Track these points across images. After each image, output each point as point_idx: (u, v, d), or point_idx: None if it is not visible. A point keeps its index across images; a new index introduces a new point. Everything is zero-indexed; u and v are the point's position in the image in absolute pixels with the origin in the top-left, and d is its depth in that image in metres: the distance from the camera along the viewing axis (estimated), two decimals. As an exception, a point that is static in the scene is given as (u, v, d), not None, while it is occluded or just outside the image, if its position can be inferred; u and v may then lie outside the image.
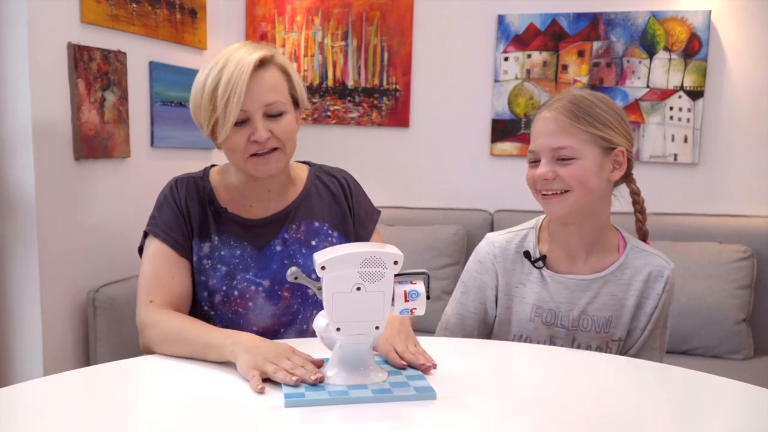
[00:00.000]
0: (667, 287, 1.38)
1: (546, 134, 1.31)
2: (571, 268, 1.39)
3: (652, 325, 1.38)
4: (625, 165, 1.34)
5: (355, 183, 1.51)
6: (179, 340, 1.22)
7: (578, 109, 1.30)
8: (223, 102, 1.25)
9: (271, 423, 0.96)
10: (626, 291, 1.37)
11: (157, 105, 2.48)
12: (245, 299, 1.36)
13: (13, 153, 2.00)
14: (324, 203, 1.45)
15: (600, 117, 1.31)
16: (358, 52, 2.93)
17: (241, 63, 1.26)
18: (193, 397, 1.06)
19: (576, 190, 1.30)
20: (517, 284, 1.41)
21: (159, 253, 1.35)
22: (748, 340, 2.26)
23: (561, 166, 1.30)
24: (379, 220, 1.52)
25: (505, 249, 1.43)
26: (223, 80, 1.25)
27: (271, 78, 1.30)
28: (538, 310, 1.39)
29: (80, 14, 2.14)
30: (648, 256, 1.40)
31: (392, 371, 1.13)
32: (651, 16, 2.61)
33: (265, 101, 1.28)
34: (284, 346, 1.13)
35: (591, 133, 1.30)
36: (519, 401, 1.06)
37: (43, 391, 1.07)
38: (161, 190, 1.42)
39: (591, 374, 1.23)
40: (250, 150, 1.30)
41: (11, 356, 2.08)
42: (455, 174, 2.90)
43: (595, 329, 1.38)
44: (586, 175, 1.29)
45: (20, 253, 2.03)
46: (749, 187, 2.60)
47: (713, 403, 1.11)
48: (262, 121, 1.29)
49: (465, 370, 1.20)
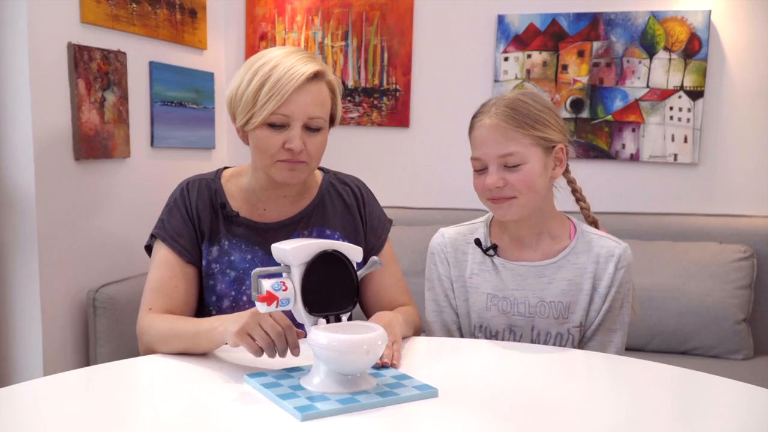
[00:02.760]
0: (620, 266, 1.38)
1: (491, 142, 1.33)
2: (522, 255, 1.42)
3: (608, 305, 1.38)
4: (565, 160, 1.38)
5: (369, 192, 1.52)
6: (172, 337, 1.24)
7: (517, 114, 1.32)
8: (265, 99, 1.26)
9: (272, 423, 0.96)
10: (582, 275, 1.39)
11: (157, 105, 2.48)
12: (254, 305, 1.36)
13: (13, 153, 2.00)
14: (337, 211, 1.46)
15: (538, 117, 1.33)
16: (358, 52, 2.93)
17: (294, 69, 1.27)
18: (193, 398, 1.06)
19: (525, 194, 1.33)
20: (471, 275, 1.44)
21: (164, 262, 1.35)
22: (748, 340, 2.26)
23: (509, 172, 1.32)
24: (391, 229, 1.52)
25: (455, 240, 1.47)
26: (272, 78, 1.26)
27: (319, 93, 1.31)
28: (494, 299, 1.41)
29: (80, 14, 2.14)
30: (598, 239, 1.42)
31: (376, 374, 1.12)
32: (651, 16, 2.61)
33: (309, 114, 1.29)
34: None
35: (533, 135, 1.32)
36: (511, 402, 1.06)
37: (43, 391, 1.07)
38: (172, 192, 1.43)
39: (590, 374, 1.23)
40: (281, 155, 1.30)
41: (11, 356, 2.08)
42: (455, 174, 2.90)
43: (553, 315, 1.39)
44: (533, 179, 1.33)
45: (20, 253, 2.02)
46: (749, 187, 2.59)
47: (713, 403, 1.11)
48: (300, 132, 1.29)
49: (461, 371, 1.20)
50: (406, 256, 2.46)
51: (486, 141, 1.34)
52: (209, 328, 1.18)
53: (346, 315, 1.13)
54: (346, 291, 1.13)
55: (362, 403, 1.00)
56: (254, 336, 1.10)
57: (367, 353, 1.02)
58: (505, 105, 1.34)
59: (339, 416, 0.97)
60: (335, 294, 1.12)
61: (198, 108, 2.70)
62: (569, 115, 2.72)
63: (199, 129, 2.71)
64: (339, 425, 0.95)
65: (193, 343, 1.21)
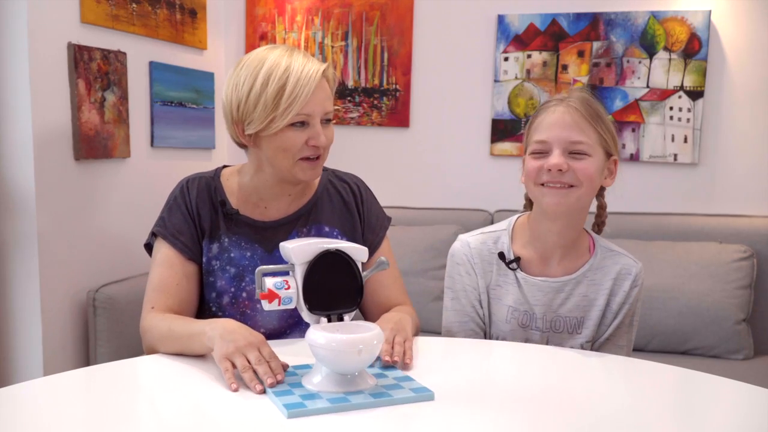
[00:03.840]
0: (635, 285, 1.38)
1: (562, 126, 1.31)
2: (545, 270, 1.39)
3: (618, 320, 1.38)
4: (615, 175, 1.37)
5: (367, 190, 1.52)
6: (169, 338, 1.25)
7: (590, 109, 1.32)
8: (288, 102, 1.28)
9: (260, 419, 0.96)
10: (597, 291, 1.38)
11: (157, 105, 2.48)
12: (253, 301, 1.38)
13: (13, 153, 2.00)
14: (335, 209, 1.46)
15: (606, 122, 1.34)
16: (358, 52, 2.93)
17: (306, 69, 1.30)
18: (193, 398, 1.06)
19: (584, 186, 1.30)
20: (495, 286, 1.41)
21: (165, 260, 1.36)
22: (748, 340, 2.26)
23: (574, 160, 1.30)
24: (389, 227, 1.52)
25: (480, 250, 1.43)
26: (291, 81, 1.28)
27: (327, 88, 1.36)
28: (514, 312, 1.39)
29: (80, 14, 2.14)
30: (617, 255, 1.41)
31: (379, 375, 1.12)
32: (651, 16, 2.61)
33: (325, 109, 1.34)
34: (256, 337, 1.14)
35: (600, 135, 1.31)
36: (514, 402, 1.06)
37: (43, 391, 1.07)
38: (172, 191, 1.43)
39: (589, 374, 1.23)
40: (305, 152, 1.33)
41: (11, 356, 2.08)
42: (455, 174, 2.90)
43: (567, 330, 1.39)
44: (594, 174, 1.31)
45: (20, 253, 2.02)
46: (749, 187, 2.59)
47: (713, 403, 1.11)
48: (321, 127, 1.34)
49: (457, 371, 1.20)
50: (406, 256, 2.46)
51: (558, 124, 1.32)
52: (200, 331, 1.19)
53: (349, 315, 1.14)
54: (349, 291, 1.13)
55: (352, 403, 1.00)
56: (236, 363, 1.09)
57: (360, 353, 1.01)
58: (579, 98, 1.34)
59: (327, 415, 0.97)
60: (338, 293, 1.13)
61: (198, 108, 2.70)
62: (569, 115, 2.72)
63: (199, 129, 2.71)
64: (325, 424, 0.96)
65: (187, 346, 1.22)
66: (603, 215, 1.47)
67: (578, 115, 1.31)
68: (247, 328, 1.16)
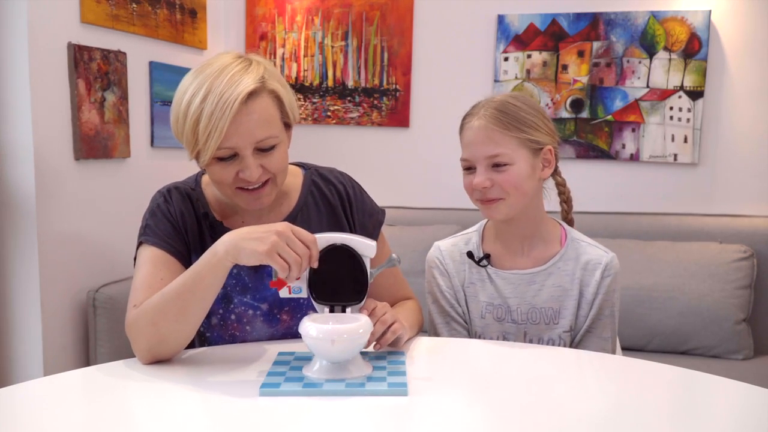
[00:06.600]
0: (607, 274, 1.40)
1: (478, 143, 1.36)
2: (515, 263, 1.43)
3: (596, 310, 1.40)
4: (554, 162, 1.40)
5: (354, 189, 1.42)
6: (165, 304, 1.12)
7: (505, 116, 1.35)
8: (204, 137, 1.14)
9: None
10: (570, 281, 1.41)
11: (157, 105, 2.48)
12: (242, 323, 1.31)
13: (13, 153, 2.00)
14: (322, 215, 1.37)
15: (526, 120, 1.35)
16: (358, 52, 2.93)
17: (225, 97, 1.13)
18: (193, 398, 1.06)
19: (511, 195, 1.35)
20: (469, 284, 1.46)
21: (149, 258, 1.24)
22: (748, 340, 2.26)
23: (496, 173, 1.34)
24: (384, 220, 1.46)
25: (451, 252, 1.48)
26: (205, 113, 1.13)
27: (262, 111, 1.18)
28: (488, 306, 1.43)
29: (80, 14, 2.14)
30: (587, 247, 1.43)
31: (377, 366, 1.14)
32: (651, 16, 2.61)
33: (255, 138, 1.17)
34: (279, 223, 1.09)
35: (520, 138, 1.34)
36: (507, 403, 1.06)
37: (43, 391, 1.07)
38: (150, 203, 1.31)
39: (589, 374, 1.23)
40: (239, 184, 1.21)
41: (11, 356, 2.08)
42: (455, 174, 2.88)
43: (544, 321, 1.41)
44: (521, 180, 1.34)
45: (20, 254, 2.03)
46: (749, 187, 2.60)
47: (713, 403, 1.11)
48: (253, 158, 1.18)
49: (449, 369, 1.20)
50: (406, 256, 2.46)
51: (474, 142, 1.37)
52: (207, 258, 1.09)
53: (354, 308, 1.16)
54: (355, 285, 1.15)
55: (324, 389, 1.04)
56: (284, 256, 1.06)
57: (333, 343, 1.05)
58: (493, 107, 1.36)
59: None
60: (345, 286, 1.15)
61: (198, 108, 2.69)
62: (569, 115, 2.72)
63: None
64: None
65: (193, 293, 1.10)
66: (565, 191, 1.50)
67: (491, 127, 1.34)
68: (266, 224, 1.10)
